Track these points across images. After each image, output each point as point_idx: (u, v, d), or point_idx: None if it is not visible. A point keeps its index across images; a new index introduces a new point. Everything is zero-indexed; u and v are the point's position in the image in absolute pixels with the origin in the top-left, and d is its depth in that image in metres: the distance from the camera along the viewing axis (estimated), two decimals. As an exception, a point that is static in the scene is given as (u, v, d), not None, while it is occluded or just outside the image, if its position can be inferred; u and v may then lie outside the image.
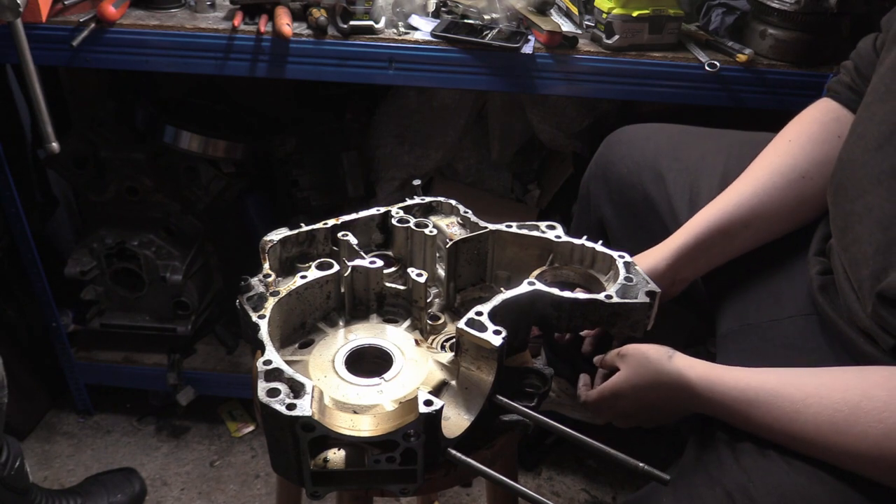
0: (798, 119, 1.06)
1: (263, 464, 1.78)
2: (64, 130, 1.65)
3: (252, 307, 0.85)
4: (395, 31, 1.34)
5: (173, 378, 1.77)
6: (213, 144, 1.63)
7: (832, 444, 0.75)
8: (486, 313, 0.80)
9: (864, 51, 1.02)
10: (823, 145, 1.00)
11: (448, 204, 1.04)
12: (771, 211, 1.01)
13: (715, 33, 1.37)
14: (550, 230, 0.97)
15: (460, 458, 0.76)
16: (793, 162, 1.01)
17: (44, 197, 1.83)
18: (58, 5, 1.34)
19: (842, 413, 0.75)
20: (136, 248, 1.68)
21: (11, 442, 1.34)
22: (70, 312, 1.80)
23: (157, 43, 1.33)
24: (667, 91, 1.34)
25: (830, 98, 1.05)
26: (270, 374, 0.74)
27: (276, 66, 1.34)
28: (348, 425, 0.72)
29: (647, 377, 0.92)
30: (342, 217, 1.00)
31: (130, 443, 1.84)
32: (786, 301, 0.97)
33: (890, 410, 0.72)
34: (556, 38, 1.31)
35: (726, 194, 1.04)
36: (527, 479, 1.77)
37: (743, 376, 0.85)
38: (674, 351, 0.92)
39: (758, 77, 1.31)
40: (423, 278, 0.91)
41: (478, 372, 0.81)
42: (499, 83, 1.35)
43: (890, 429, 0.71)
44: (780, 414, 0.79)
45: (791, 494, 0.77)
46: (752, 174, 1.03)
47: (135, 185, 1.66)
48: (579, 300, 0.86)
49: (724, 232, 1.02)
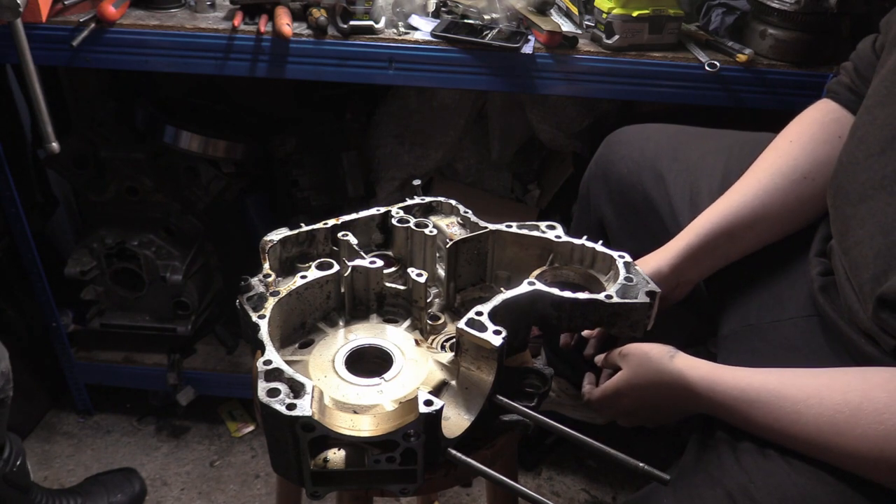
0: (798, 120, 1.06)
1: (263, 464, 1.78)
2: (64, 130, 1.65)
3: (252, 307, 0.85)
4: (395, 31, 1.34)
5: (173, 378, 1.77)
6: (213, 144, 1.63)
7: (833, 444, 0.75)
8: (486, 313, 0.80)
9: (864, 52, 1.02)
10: (825, 146, 1.00)
11: (448, 204, 1.04)
12: (773, 212, 1.01)
13: (715, 33, 1.37)
14: (550, 230, 0.97)
15: (460, 458, 0.76)
16: (794, 163, 1.01)
17: (44, 197, 1.83)
18: (58, 5, 1.34)
19: (842, 414, 0.75)
20: (136, 248, 1.68)
21: (13, 439, 1.35)
22: (70, 312, 1.80)
23: (157, 43, 1.33)
24: (667, 91, 1.33)
25: (830, 99, 1.05)
26: (270, 374, 0.74)
27: (276, 66, 1.34)
28: (348, 425, 0.72)
29: (648, 376, 0.92)
30: (342, 217, 1.00)
31: (130, 443, 1.84)
32: (787, 302, 0.97)
33: (890, 412, 0.72)
34: (556, 38, 1.31)
35: (728, 196, 1.03)
36: (527, 479, 1.77)
37: (744, 376, 0.84)
38: (676, 350, 0.92)
39: (758, 77, 1.31)
40: (423, 278, 0.91)
41: (478, 372, 0.81)
42: (499, 83, 1.35)
43: (890, 430, 0.71)
44: (781, 414, 0.79)
45: (792, 495, 0.77)
46: (753, 175, 1.03)
47: (135, 185, 1.66)
48: (579, 300, 0.86)
49: (728, 233, 1.01)
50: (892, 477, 0.73)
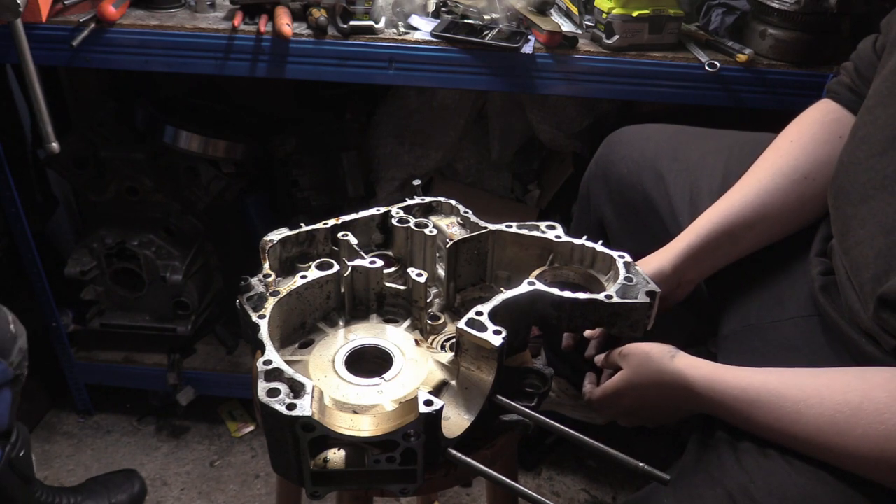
0: (799, 120, 1.06)
1: (263, 464, 1.78)
2: (64, 130, 1.64)
3: (252, 307, 0.85)
4: (395, 31, 1.34)
5: (173, 378, 1.77)
6: (213, 144, 1.63)
7: (833, 445, 0.75)
8: (486, 313, 0.80)
9: (864, 52, 1.02)
10: (825, 146, 1.00)
11: (448, 204, 1.04)
12: (774, 212, 1.01)
13: (715, 33, 1.37)
14: (550, 230, 0.97)
15: (460, 458, 0.76)
16: (795, 163, 1.01)
17: (44, 197, 1.83)
18: (58, 5, 1.34)
19: (843, 414, 0.75)
20: (136, 248, 1.68)
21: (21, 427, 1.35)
22: (70, 312, 1.80)
23: (157, 43, 1.33)
24: (667, 91, 1.33)
25: (830, 99, 1.05)
26: (270, 374, 0.74)
27: (276, 66, 1.34)
28: (348, 425, 0.72)
29: (648, 376, 0.92)
30: (342, 217, 1.00)
31: (130, 443, 1.84)
32: (787, 302, 0.97)
33: (891, 412, 0.72)
34: (556, 38, 1.31)
35: (729, 196, 1.03)
36: (527, 479, 1.77)
37: (745, 376, 0.84)
38: (676, 350, 0.92)
39: (758, 77, 1.31)
40: (423, 278, 0.91)
41: (478, 372, 0.81)
42: (499, 83, 1.35)
43: (890, 430, 0.71)
44: (781, 414, 0.79)
45: (792, 495, 0.77)
46: (754, 175, 1.03)
47: (135, 185, 1.66)
48: (579, 300, 0.86)
49: (729, 233, 1.01)
50: (892, 477, 0.73)
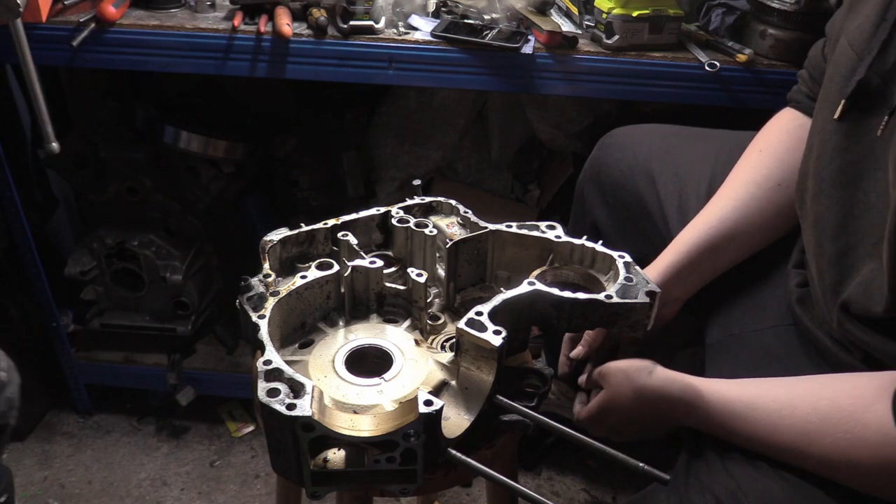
0: (765, 130, 1.07)
1: (263, 464, 1.78)
2: (64, 130, 1.64)
3: (252, 307, 0.85)
4: (395, 31, 1.34)
5: (173, 378, 1.77)
6: (213, 144, 1.63)
7: (809, 453, 0.77)
8: (486, 313, 0.80)
9: (815, 58, 1.03)
10: (794, 153, 1.00)
11: (448, 204, 1.04)
12: (753, 223, 1.01)
13: (715, 33, 1.37)
14: (550, 230, 0.97)
15: (460, 458, 0.76)
16: (767, 172, 1.02)
17: (44, 197, 1.83)
18: (58, 5, 1.34)
19: (813, 424, 0.76)
20: (136, 248, 1.68)
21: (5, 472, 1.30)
22: (70, 312, 1.80)
23: (157, 43, 1.33)
24: (667, 91, 1.33)
25: (792, 108, 1.06)
26: (270, 374, 0.74)
27: (276, 66, 1.34)
28: (348, 425, 0.72)
29: (628, 395, 0.92)
30: (342, 217, 1.00)
31: (130, 443, 1.84)
32: (768, 312, 0.98)
33: (855, 420, 0.73)
34: (556, 38, 1.31)
35: (707, 210, 1.04)
36: (527, 479, 1.77)
37: (721, 389, 0.85)
38: (654, 365, 0.92)
39: (758, 77, 1.31)
40: (423, 278, 0.91)
41: (478, 372, 0.81)
42: (499, 83, 1.35)
43: (856, 438, 0.72)
44: (757, 426, 0.81)
45: (780, 499, 0.78)
46: (730, 187, 1.04)
47: (135, 185, 1.66)
48: (579, 300, 0.86)
49: (710, 248, 1.02)
50: (863, 483, 0.74)
